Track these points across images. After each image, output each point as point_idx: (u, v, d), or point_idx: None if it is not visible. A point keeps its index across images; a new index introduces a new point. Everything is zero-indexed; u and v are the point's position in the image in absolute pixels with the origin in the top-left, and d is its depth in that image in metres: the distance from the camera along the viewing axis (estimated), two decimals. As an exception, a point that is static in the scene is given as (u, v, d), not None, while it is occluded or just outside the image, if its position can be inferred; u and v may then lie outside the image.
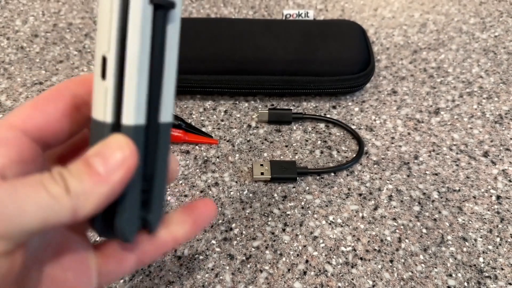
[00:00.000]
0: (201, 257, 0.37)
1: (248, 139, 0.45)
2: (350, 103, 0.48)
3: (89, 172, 0.19)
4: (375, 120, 0.47)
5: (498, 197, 0.41)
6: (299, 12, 0.52)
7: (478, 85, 0.50)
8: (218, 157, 0.43)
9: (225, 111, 0.48)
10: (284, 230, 0.39)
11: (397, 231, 0.39)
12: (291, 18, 0.53)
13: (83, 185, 0.19)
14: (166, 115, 0.22)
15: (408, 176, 0.43)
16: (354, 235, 0.39)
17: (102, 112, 0.20)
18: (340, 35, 0.49)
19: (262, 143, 0.45)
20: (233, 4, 0.59)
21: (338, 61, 0.47)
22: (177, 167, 0.25)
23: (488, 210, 0.40)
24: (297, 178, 0.42)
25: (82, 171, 0.19)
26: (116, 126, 0.20)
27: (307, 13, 0.52)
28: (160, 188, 0.22)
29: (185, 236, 0.24)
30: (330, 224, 0.39)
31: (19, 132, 0.20)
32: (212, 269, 0.36)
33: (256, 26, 0.50)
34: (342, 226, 0.39)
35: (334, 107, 0.48)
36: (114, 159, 0.19)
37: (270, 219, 0.39)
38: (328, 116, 0.47)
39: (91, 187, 0.19)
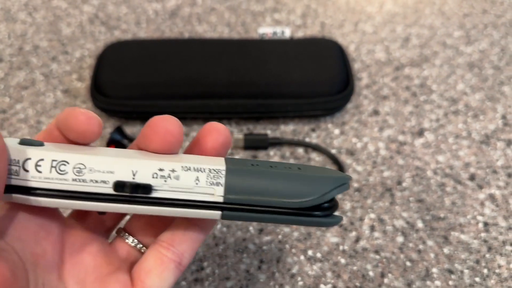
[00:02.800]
0: (170, 301, 0.34)
1: (223, 167, 0.43)
2: (330, 125, 0.46)
3: None
4: (356, 144, 0.45)
5: (485, 224, 0.39)
6: (274, 31, 0.50)
7: (463, 102, 0.48)
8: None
9: (199, 137, 0.45)
10: (259, 267, 0.36)
11: (379, 264, 0.37)
12: (267, 37, 0.50)
13: None
14: None
15: (391, 203, 0.40)
16: (334, 271, 0.36)
17: None
18: (317, 55, 0.47)
19: (237, 171, 0.42)
20: (208, 22, 0.57)
21: (315, 82, 0.45)
22: None
23: (475, 239, 0.38)
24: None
25: None
26: None
27: (283, 31, 0.50)
28: None
29: (212, 222, 0.26)
30: (309, 259, 0.37)
31: None
32: (182, 314, 0.34)
33: (229, 47, 0.48)
34: (321, 261, 0.37)
35: (313, 130, 0.46)
36: None
37: (245, 255, 0.37)
38: (307, 140, 0.45)
39: None
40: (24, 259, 0.22)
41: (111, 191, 0.21)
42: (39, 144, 0.22)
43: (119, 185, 0.21)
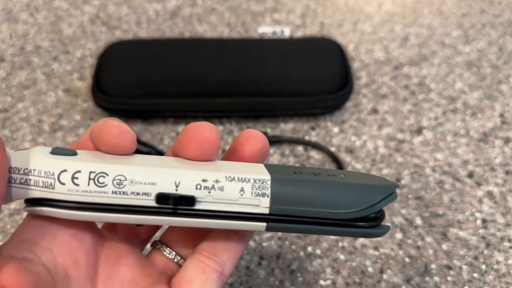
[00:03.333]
0: (171, 297, 0.35)
1: (223, 165, 0.43)
2: (329, 124, 0.47)
3: None
4: (355, 142, 0.45)
5: (483, 221, 0.40)
6: (274, 30, 0.50)
7: (462, 101, 0.49)
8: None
9: (199, 136, 0.46)
10: (259, 264, 0.37)
11: (378, 261, 0.37)
12: (266, 36, 0.51)
13: None
14: None
15: (389, 200, 0.41)
16: (333, 267, 0.37)
17: None
18: (316, 54, 0.47)
19: (237, 169, 0.43)
20: (208, 22, 0.57)
21: (314, 80, 0.45)
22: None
23: (473, 235, 0.39)
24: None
25: None
26: None
27: (283, 31, 0.50)
28: None
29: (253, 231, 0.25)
30: (308, 255, 0.37)
31: None
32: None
33: (230, 46, 0.48)
34: (321, 257, 0.37)
35: (312, 128, 0.46)
36: None
37: (245, 251, 0.37)
38: (306, 138, 0.45)
39: None
40: (54, 272, 0.21)
41: (153, 203, 0.21)
42: (72, 153, 0.21)
43: (161, 197, 0.21)
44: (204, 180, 0.21)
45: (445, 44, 0.55)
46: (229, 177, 0.21)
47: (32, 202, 0.21)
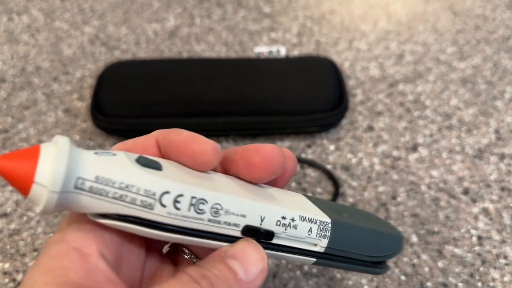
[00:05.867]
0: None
1: (220, 184, 0.44)
2: (325, 141, 0.47)
3: (234, 277, 0.21)
4: (351, 159, 0.45)
5: (479, 238, 0.40)
6: (270, 50, 0.51)
7: (457, 117, 0.49)
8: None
9: (197, 155, 0.46)
10: (256, 283, 0.37)
11: (374, 279, 0.37)
12: (263, 56, 0.52)
13: None
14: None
15: (385, 218, 0.41)
16: (330, 286, 0.37)
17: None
18: (311, 73, 0.48)
19: (234, 188, 0.43)
20: (206, 42, 0.58)
21: (310, 99, 0.46)
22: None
23: (469, 252, 0.39)
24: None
25: (228, 277, 0.21)
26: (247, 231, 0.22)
27: (279, 50, 0.51)
28: None
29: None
30: (305, 274, 0.37)
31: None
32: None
33: (226, 65, 0.49)
34: (317, 276, 0.37)
35: (309, 146, 0.47)
36: (254, 269, 0.21)
37: (241, 271, 0.38)
38: (302, 156, 0.46)
39: None
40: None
41: (238, 234, 0.22)
42: (158, 167, 0.21)
43: (248, 230, 0.22)
44: (283, 218, 0.23)
45: (440, 61, 0.55)
46: (302, 216, 0.24)
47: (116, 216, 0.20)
